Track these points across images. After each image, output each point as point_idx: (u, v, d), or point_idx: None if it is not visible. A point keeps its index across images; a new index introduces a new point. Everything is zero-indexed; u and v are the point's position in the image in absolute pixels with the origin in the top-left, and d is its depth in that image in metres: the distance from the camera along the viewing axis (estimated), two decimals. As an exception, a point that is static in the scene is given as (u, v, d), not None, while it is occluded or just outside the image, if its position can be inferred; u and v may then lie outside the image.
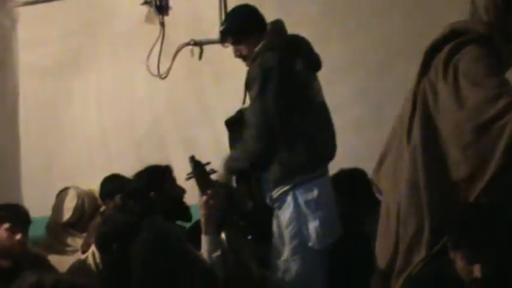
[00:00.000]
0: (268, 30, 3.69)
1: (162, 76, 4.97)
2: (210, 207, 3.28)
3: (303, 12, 4.92)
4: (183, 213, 3.85)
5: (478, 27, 3.00)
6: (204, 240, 3.30)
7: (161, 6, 4.86)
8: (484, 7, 2.99)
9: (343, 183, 4.03)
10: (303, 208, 3.55)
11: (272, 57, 3.56)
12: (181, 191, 3.84)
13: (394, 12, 4.92)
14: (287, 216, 3.56)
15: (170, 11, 4.91)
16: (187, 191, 3.78)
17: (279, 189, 3.58)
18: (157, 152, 5.19)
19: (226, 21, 3.89)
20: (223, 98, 4.84)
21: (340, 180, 4.03)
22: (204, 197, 3.29)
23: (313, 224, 3.54)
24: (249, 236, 3.62)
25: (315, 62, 3.76)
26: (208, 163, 3.38)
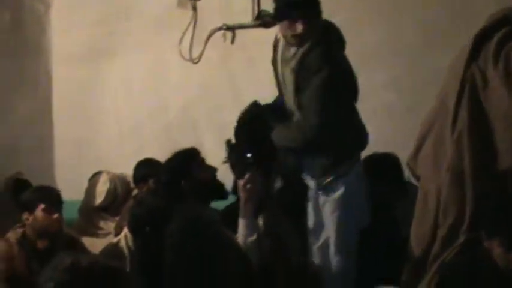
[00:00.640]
0: None
1: (195, 61, 4.95)
2: (248, 191, 3.27)
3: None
4: (218, 191, 3.86)
5: None
6: (241, 223, 3.29)
7: (193, -10, 4.85)
8: None
9: (375, 166, 4.01)
10: (350, 195, 3.55)
11: (336, 48, 3.57)
12: (213, 170, 3.84)
13: (432, -3, 4.87)
14: (335, 203, 3.54)
15: (202, -4, 4.90)
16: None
17: (329, 176, 3.55)
18: (189, 137, 5.18)
19: None
20: (255, 83, 4.83)
21: (372, 163, 4.01)
22: (242, 181, 3.28)
23: (355, 210, 3.55)
24: None
25: None
26: (244, 147, 3.37)
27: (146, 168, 4.53)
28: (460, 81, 2.95)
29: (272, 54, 3.72)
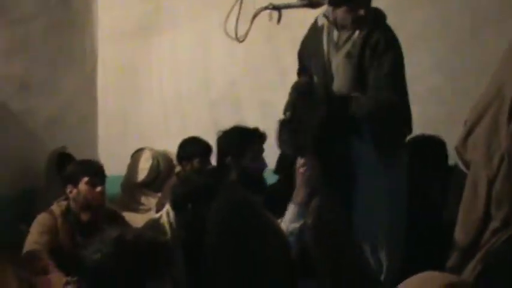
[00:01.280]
0: None
1: (240, 39, 4.92)
2: (305, 175, 3.18)
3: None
4: (260, 186, 3.77)
5: None
6: (290, 209, 3.19)
7: (240, -32, 4.81)
8: None
9: (420, 148, 3.98)
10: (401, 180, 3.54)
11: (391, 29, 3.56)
12: (264, 165, 3.75)
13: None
14: (396, 183, 3.51)
15: (249, -26, 4.85)
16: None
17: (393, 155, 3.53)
18: (232, 115, 5.17)
19: None
20: (299, 63, 4.78)
21: (417, 145, 3.98)
22: (299, 165, 3.20)
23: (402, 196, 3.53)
24: None
25: None
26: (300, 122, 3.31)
27: (191, 146, 4.54)
28: None
29: (307, 43, 3.66)
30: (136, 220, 4.00)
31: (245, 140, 3.73)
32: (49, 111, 5.07)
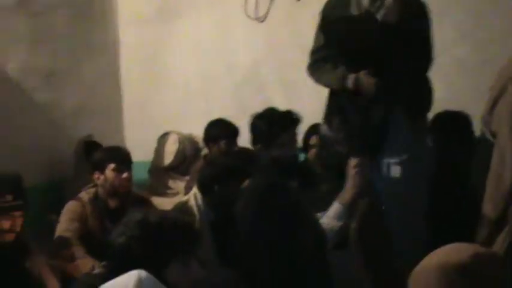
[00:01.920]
0: None
1: (260, 19, 4.92)
2: (357, 177, 3.08)
3: None
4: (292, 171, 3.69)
5: None
6: (335, 207, 3.10)
7: None
8: None
9: (446, 124, 3.94)
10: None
11: None
12: (295, 150, 3.65)
13: None
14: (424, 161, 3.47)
15: (268, -47, 4.83)
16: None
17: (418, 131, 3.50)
18: (256, 96, 5.16)
19: None
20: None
21: (443, 121, 3.94)
22: (353, 166, 3.10)
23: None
24: None
25: None
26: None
27: (218, 128, 4.54)
28: None
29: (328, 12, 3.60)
30: (164, 204, 4.02)
31: (278, 125, 3.64)
32: (74, 100, 5.10)
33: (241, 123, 4.43)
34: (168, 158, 4.60)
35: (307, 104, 4.50)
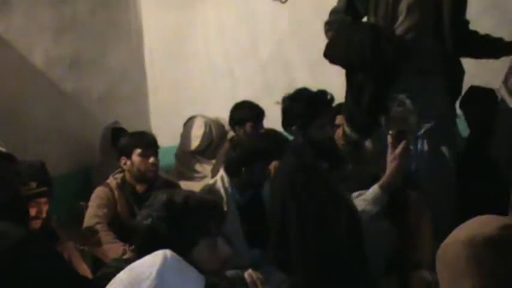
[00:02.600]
0: None
1: (282, 0, 4.88)
2: (401, 162, 2.99)
3: None
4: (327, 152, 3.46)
5: None
6: (375, 190, 3.04)
7: None
8: None
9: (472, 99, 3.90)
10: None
11: None
12: (330, 132, 3.59)
13: None
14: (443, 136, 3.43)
15: None
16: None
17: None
18: (282, 76, 5.13)
19: None
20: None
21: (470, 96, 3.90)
22: (399, 151, 3.00)
23: None
24: None
25: None
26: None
27: (243, 111, 4.52)
28: None
29: None
30: (192, 188, 3.97)
31: (313, 106, 3.57)
32: (100, 87, 5.12)
33: (266, 104, 4.40)
34: (195, 142, 4.61)
35: (332, 83, 4.45)
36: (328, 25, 3.59)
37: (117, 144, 3.95)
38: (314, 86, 4.21)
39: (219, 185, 3.58)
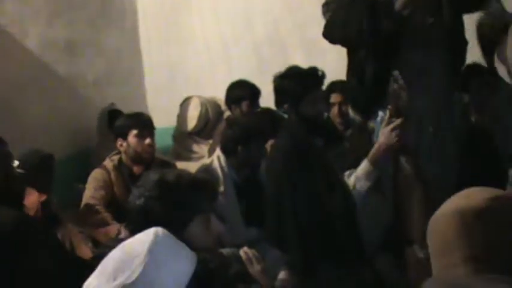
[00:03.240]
0: None
1: (278, -23, 4.84)
2: (393, 137, 2.99)
3: None
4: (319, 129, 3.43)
5: None
6: (364, 165, 3.06)
7: None
8: None
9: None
10: None
11: None
12: (322, 109, 3.59)
13: None
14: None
15: None
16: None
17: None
18: (277, 55, 5.10)
19: None
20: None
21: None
22: (395, 125, 3.01)
23: None
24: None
25: None
26: None
27: (239, 89, 4.51)
28: None
29: None
30: (189, 168, 3.96)
31: (304, 83, 3.56)
32: (96, 70, 5.11)
33: (262, 83, 4.39)
34: (191, 123, 4.60)
35: (327, 62, 4.43)
36: (325, 6, 3.57)
37: (113, 126, 3.94)
38: (309, 65, 4.19)
39: (216, 164, 3.59)
